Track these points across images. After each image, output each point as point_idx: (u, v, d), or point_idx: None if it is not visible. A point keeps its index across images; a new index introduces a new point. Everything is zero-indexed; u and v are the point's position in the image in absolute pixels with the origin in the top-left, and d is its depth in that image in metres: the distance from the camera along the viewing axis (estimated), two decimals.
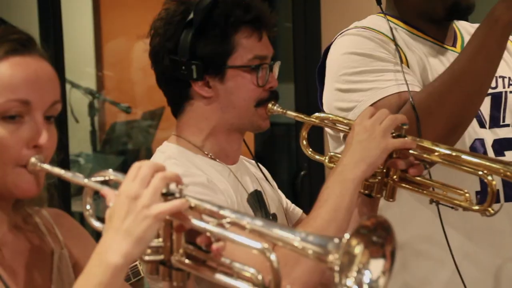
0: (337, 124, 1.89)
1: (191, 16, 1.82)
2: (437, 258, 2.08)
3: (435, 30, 2.15)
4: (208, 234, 1.27)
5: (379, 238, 1.19)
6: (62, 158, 1.45)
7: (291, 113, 1.88)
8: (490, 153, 2.08)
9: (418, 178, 1.78)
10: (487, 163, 1.73)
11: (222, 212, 1.28)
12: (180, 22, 1.84)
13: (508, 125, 2.13)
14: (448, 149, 1.77)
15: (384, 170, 1.78)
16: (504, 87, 2.15)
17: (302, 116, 1.89)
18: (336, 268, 1.14)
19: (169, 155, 1.84)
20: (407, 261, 2.09)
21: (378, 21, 2.14)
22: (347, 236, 1.14)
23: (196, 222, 1.26)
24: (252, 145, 4.16)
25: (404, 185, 1.79)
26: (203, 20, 1.82)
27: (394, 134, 1.75)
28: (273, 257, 1.20)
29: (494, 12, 1.87)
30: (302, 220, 1.89)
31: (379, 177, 1.79)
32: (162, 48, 1.85)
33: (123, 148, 5.16)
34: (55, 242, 1.50)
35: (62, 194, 1.55)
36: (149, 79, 1.95)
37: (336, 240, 1.16)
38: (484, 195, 1.78)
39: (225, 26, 1.83)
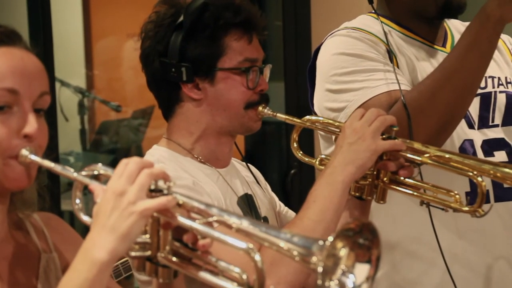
0: (327, 127, 1.89)
1: (181, 18, 1.83)
2: (428, 259, 2.08)
3: (427, 30, 2.15)
4: (194, 232, 1.27)
5: (365, 240, 1.19)
6: (52, 157, 1.45)
7: (282, 116, 1.88)
8: (480, 153, 2.08)
9: (409, 180, 1.78)
10: (477, 164, 1.73)
11: (209, 210, 1.28)
12: (170, 24, 1.84)
13: (497, 126, 2.13)
14: (438, 151, 1.77)
15: (375, 172, 1.79)
16: (493, 87, 2.16)
17: (293, 118, 1.88)
18: (320, 269, 1.14)
19: (158, 158, 1.84)
20: (398, 262, 2.09)
21: (368, 22, 2.14)
22: (331, 238, 1.14)
23: (182, 219, 1.26)
24: (242, 144, 4.16)
25: (394, 187, 1.79)
26: (193, 22, 1.82)
27: (384, 136, 1.75)
28: (257, 257, 1.20)
29: (486, 8, 1.87)
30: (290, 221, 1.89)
31: (370, 179, 1.79)
32: (153, 50, 1.85)
33: (113, 147, 5.15)
34: (44, 246, 1.50)
35: (52, 193, 1.54)
36: (139, 78, 1.95)
37: (321, 242, 1.16)
38: (474, 196, 1.78)
39: (214, 29, 1.83)
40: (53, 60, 3.43)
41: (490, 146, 2.10)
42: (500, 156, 2.09)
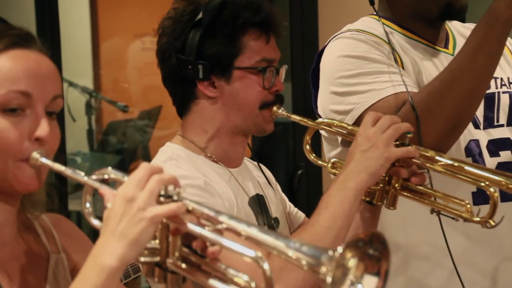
0: (341, 131, 1.89)
1: (200, 16, 1.83)
2: (434, 260, 2.07)
3: (428, 31, 2.15)
4: (203, 239, 1.27)
5: (375, 251, 1.18)
6: (60, 158, 1.45)
7: (296, 117, 1.88)
8: (485, 153, 2.08)
9: (420, 187, 1.78)
10: (489, 175, 1.73)
11: (219, 217, 1.28)
12: (189, 21, 1.84)
13: (502, 125, 2.13)
14: (451, 160, 1.77)
15: (386, 178, 1.79)
16: (496, 88, 2.16)
17: (307, 120, 1.89)
18: (328, 280, 1.13)
19: (171, 155, 1.84)
20: (405, 263, 2.09)
21: (371, 23, 2.14)
22: (340, 249, 1.14)
23: (191, 226, 1.26)
24: (249, 144, 4.15)
25: (405, 193, 1.79)
26: (212, 20, 1.82)
27: (397, 143, 1.75)
28: (266, 266, 1.19)
29: (494, 9, 1.87)
30: (302, 226, 1.89)
31: (381, 185, 1.79)
32: (170, 46, 1.85)
33: (120, 147, 5.15)
34: (52, 247, 1.50)
35: (59, 193, 1.54)
36: (146, 78, 1.95)
37: (330, 252, 1.16)
38: (480, 197, 1.77)
39: (233, 27, 1.83)
40: (61, 61, 3.44)
41: (496, 146, 2.10)
42: (506, 155, 2.09)
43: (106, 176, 1.34)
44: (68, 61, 3.85)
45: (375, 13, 2.14)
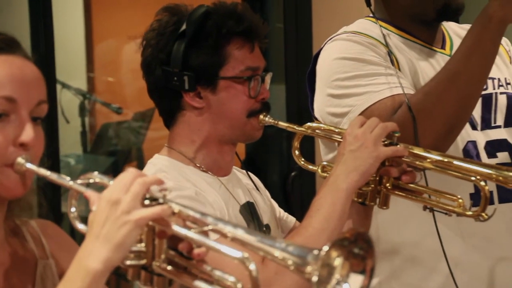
0: (329, 134, 1.89)
1: (184, 27, 1.83)
2: (429, 265, 2.07)
3: (425, 32, 2.15)
4: (189, 240, 1.27)
5: (360, 250, 1.19)
6: (53, 159, 1.44)
7: (283, 124, 1.88)
8: (483, 154, 2.08)
9: (411, 185, 1.78)
10: (479, 169, 1.73)
11: (204, 219, 1.28)
12: (173, 33, 1.84)
13: (499, 126, 2.13)
14: (440, 156, 1.77)
15: (377, 178, 1.79)
16: (494, 88, 2.16)
17: (294, 126, 1.89)
18: (314, 279, 1.14)
19: (160, 168, 1.83)
20: (399, 268, 2.09)
21: (367, 25, 2.14)
22: (326, 248, 1.14)
23: (177, 228, 1.26)
24: (243, 146, 4.16)
25: (397, 192, 1.79)
26: (196, 31, 1.82)
27: (385, 142, 1.75)
28: (252, 266, 1.19)
29: (488, 10, 1.87)
30: (294, 229, 1.89)
31: (372, 185, 1.79)
32: (154, 59, 1.85)
33: (113, 149, 5.14)
34: (41, 253, 1.49)
35: (52, 195, 1.54)
36: (140, 80, 1.95)
37: (315, 252, 1.16)
38: (478, 198, 1.78)
39: (217, 37, 1.83)
40: (54, 62, 3.43)
41: (493, 147, 2.10)
42: (503, 157, 2.09)
43: (91, 181, 1.34)
44: (61, 63, 3.85)
45: (371, 15, 2.14)
